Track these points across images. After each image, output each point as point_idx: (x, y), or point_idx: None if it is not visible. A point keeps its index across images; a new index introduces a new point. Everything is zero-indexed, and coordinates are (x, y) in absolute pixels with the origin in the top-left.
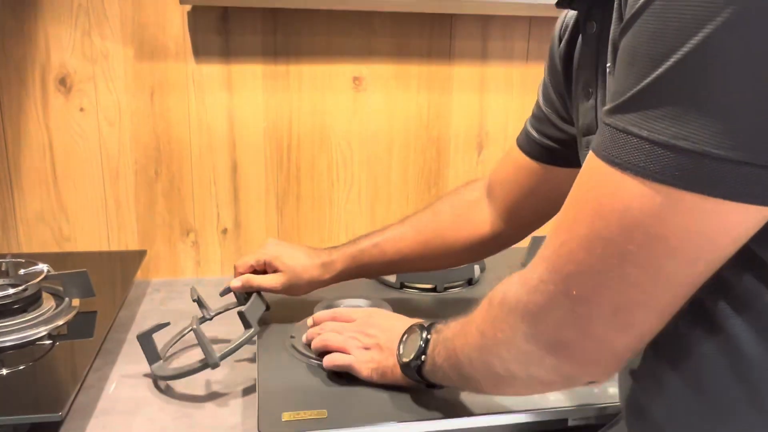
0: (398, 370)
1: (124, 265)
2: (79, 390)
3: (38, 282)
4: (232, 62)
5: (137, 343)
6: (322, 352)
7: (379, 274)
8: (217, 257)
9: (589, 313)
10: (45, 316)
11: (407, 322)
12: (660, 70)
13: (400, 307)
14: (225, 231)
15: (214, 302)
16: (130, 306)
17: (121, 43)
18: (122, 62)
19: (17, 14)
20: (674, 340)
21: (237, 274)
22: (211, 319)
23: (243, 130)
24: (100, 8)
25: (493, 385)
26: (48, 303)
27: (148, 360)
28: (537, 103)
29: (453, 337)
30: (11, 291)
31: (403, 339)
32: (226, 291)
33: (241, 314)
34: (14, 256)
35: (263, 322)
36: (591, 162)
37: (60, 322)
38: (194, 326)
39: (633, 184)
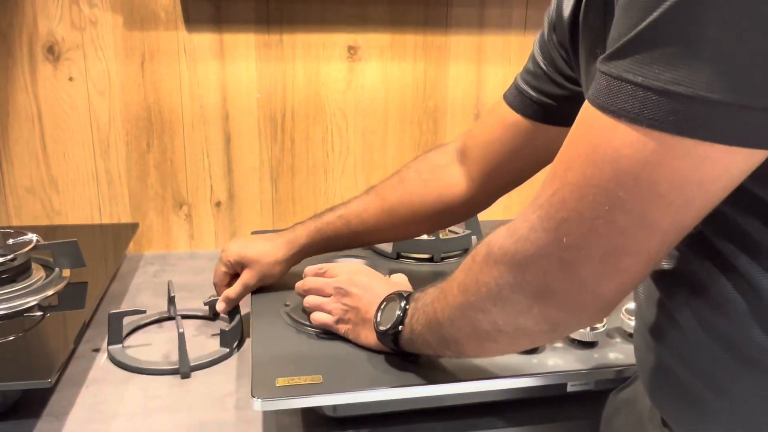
0: (372, 336)
1: (116, 238)
2: (69, 359)
3: (27, 252)
4: (224, 31)
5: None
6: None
7: (347, 246)
8: (211, 230)
9: (578, 259)
10: (35, 287)
11: (389, 286)
12: (653, 15)
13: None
14: (218, 204)
15: (207, 276)
16: (123, 279)
17: (110, 11)
18: (111, 30)
19: None
20: (691, 290)
21: (219, 291)
22: (173, 319)
23: (236, 101)
24: None
25: (476, 344)
26: (38, 273)
27: (108, 340)
28: (533, 59)
29: (432, 301)
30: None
31: (382, 307)
32: (214, 313)
33: (223, 333)
34: (2, 228)
35: (258, 290)
36: (585, 111)
37: (50, 293)
38: (180, 329)
39: (626, 131)
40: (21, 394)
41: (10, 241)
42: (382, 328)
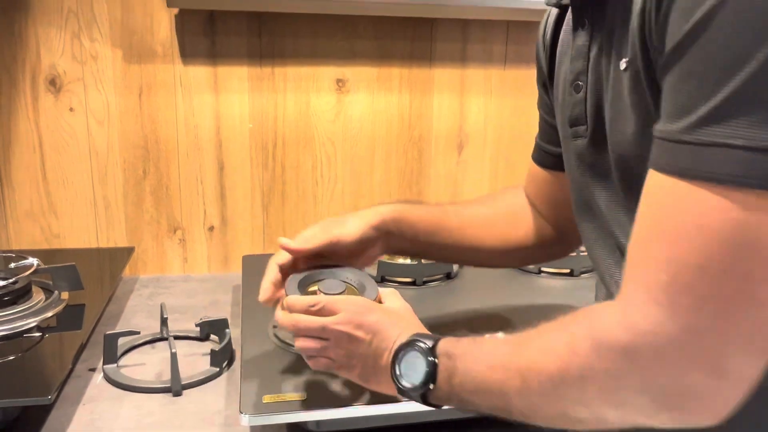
0: (388, 385)
1: (112, 262)
2: (67, 377)
3: (28, 275)
4: (219, 64)
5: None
6: None
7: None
8: (204, 254)
9: (720, 346)
10: (35, 308)
11: (399, 326)
12: (742, 77)
13: None
14: (212, 228)
15: (200, 298)
16: (119, 301)
17: (110, 45)
18: (111, 64)
19: (8, 16)
20: None
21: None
22: (166, 339)
23: (229, 131)
24: (89, 11)
25: (558, 422)
26: (38, 296)
27: (104, 359)
28: (540, 116)
29: (491, 374)
30: (1, 283)
31: (399, 356)
32: (205, 334)
33: (213, 353)
34: (4, 251)
35: (247, 312)
36: (664, 182)
37: (49, 314)
38: (173, 349)
39: (738, 196)
40: (21, 411)
41: (12, 265)
42: (406, 384)
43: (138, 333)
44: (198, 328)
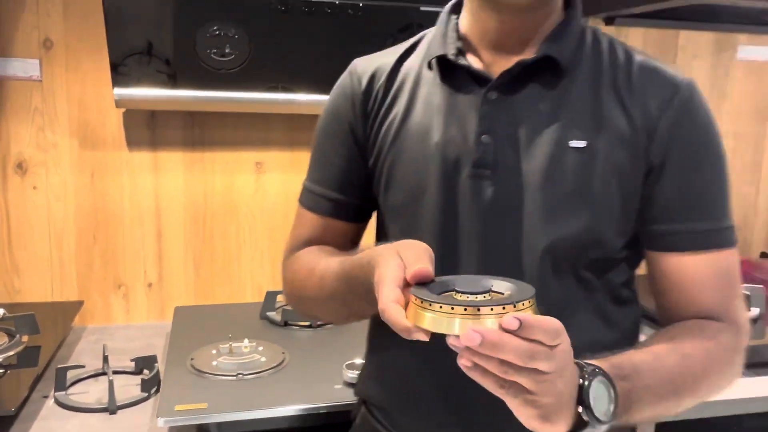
0: (563, 417)
1: (65, 312)
2: (24, 402)
3: None
4: (159, 150)
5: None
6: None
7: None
8: (144, 306)
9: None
10: None
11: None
12: None
13: (284, 338)
14: (150, 285)
15: (139, 343)
16: (69, 346)
17: (68, 136)
18: (68, 151)
19: None
20: None
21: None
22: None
23: (166, 204)
24: (53, 110)
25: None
26: (2, 339)
27: (55, 388)
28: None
29: (667, 386)
30: None
31: (587, 386)
32: (141, 367)
33: (143, 381)
34: None
35: (172, 346)
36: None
37: (11, 353)
38: (110, 377)
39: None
40: None
41: None
42: (599, 414)
43: (83, 366)
44: (133, 363)
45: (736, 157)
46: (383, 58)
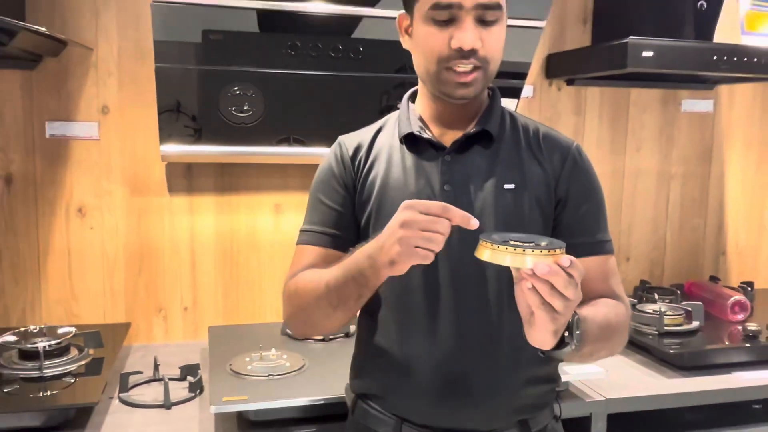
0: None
1: (115, 333)
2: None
3: (69, 338)
4: (194, 195)
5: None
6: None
7: None
8: (180, 327)
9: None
10: (71, 359)
11: None
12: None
13: (302, 349)
14: (186, 308)
15: (178, 358)
16: (122, 360)
17: (120, 185)
18: (120, 197)
19: (53, 169)
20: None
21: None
22: (160, 380)
23: (200, 240)
24: (108, 163)
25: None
26: (74, 352)
27: (119, 389)
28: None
29: (603, 329)
30: (53, 342)
31: (576, 317)
32: (186, 374)
33: (191, 383)
34: (46, 326)
35: (214, 354)
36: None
37: (81, 363)
38: (165, 380)
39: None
40: (75, 413)
41: (59, 331)
42: (576, 341)
43: (141, 372)
44: (179, 371)
45: (686, 194)
46: (363, 135)
